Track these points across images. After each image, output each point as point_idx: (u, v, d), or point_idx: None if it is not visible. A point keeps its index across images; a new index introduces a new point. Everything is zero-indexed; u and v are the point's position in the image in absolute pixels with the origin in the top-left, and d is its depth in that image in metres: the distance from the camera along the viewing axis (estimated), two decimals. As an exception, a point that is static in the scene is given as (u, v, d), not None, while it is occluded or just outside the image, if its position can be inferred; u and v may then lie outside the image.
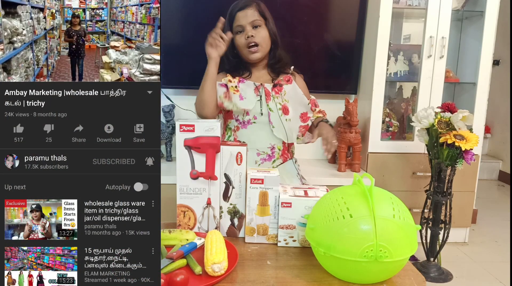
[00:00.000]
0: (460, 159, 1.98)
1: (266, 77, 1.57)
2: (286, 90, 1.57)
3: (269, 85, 1.55)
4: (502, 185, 3.94)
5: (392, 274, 0.87)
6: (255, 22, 1.48)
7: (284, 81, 1.58)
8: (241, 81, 1.53)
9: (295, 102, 1.57)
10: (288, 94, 1.57)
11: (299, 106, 1.58)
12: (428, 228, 2.18)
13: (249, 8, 1.49)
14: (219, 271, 0.86)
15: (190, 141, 1.04)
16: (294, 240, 1.04)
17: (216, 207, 1.08)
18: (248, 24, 1.48)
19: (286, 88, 1.57)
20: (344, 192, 0.89)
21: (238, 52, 1.53)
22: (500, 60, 3.95)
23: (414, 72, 2.50)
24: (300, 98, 1.59)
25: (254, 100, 1.51)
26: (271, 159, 1.55)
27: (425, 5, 2.34)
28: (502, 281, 2.18)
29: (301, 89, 1.60)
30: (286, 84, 1.58)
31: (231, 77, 1.53)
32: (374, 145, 2.42)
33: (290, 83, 1.59)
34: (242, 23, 1.48)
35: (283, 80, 1.58)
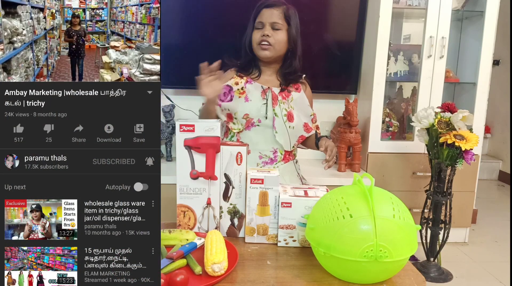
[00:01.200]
0: (460, 159, 1.98)
1: (275, 82, 1.56)
2: (293, 97, 1.56)
3: (277, 89, 1.54)
4: (502, 185, 3.94)
5: (392, 274, 0.87)
6: (276, 25, 1.47)
7: (293, 88, 1.57)
8: (248, 82, 1.53)
9: (300, 111, 1.56)
10: (295, 102, 1.56)
11: (303, 116, 1.57)
12: (428, 228, 2.18)
13: (276, 8, 1.48)
14: (219, 271, 0.86)
15: (190, 141, 1.04)
16: (294, 240, 1.04)
17: (216, 207, 1.08)
18: (268, 24, 1.47)
19: (294, 95, 1.56)
20: (344, 192, 0.89)
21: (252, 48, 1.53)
22: (500, 60, 3.95)
23: (414, 72, 2.50)
24: (305, 108, 1.59)
25: (260, 103, 1.51)
26: (273, 162, 1.54)
27: (425, 5, 2.34)
28: (502, 281, 2.18)
29: (308, 99, 1.60)
30: (294, 91, 1.57)
31: (238, 79, 1.53)
32: (374, 145, 2.42)
33: (299, 91, 1.58)
34: (264, 21, 1.48)
35: (292, 87, 1.57)
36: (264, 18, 1.48)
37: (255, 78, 1.54)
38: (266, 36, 1.47)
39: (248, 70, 1.55)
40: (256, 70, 1.55)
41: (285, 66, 1.55)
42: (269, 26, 1.48)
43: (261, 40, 1.48)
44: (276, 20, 1.47)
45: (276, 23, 1.47)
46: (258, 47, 1.49)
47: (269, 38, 1.47)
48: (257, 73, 1.55)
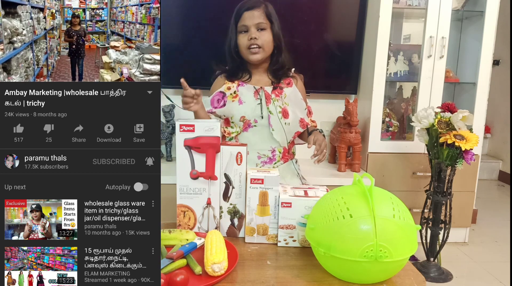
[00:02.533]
0: (460, 159, 1.98)
1: (266, 81, 1.56)
2: (286, 93, 1.56)
3: (269, 88, 1.54)
4: (502, 185, 3.94)
5: (392, 274, 0.87)
6: (261, 25, 1.47)
7: (285, 84, 1.57)
8: (240, 85, 1.53)
9: (295, 106, 1.56)
10: (288, 97, 1.56)
11: (298, 110, 1.57)
12: (428, 228, 2.18)
13: (256, 9, 1.48)
14: (219, 271, 0.86)
15: (190, 141, 1.04)
16: (294, 240, 1.04)
17: (216, 207, 1.08)
18: (253, 26, 1.47)
19: (286, 91, 1.56)
20: (344, 192, 0.89)
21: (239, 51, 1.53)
22: (500, 60, 3.95)
23: (414, 72, 2.50)
24: (299, 102, 1.58)
25: (254, 104, 1.51)
26: (272, 162, 1.54)
27: (425, 5, 2.34)
28: (502, 281, 2.18)
29: (301, 93, 1.60)
30: (286, 87, 1.57)
31: (230, 84, 1.53)
32: (374, 145, 2.42)
33: (291, 86, 1.58)
34: (247, 24, 1.47)
35: (283, 83, 1.57)
36: (247, 21, 1.48)
37: (247, 81, 1.54)
38: (254, 39, 1.46)
39: (238, 75, 1.55)
40: (246, 73, 1.55)
41: (273, 63, 1.55)
42: (254, 28, 1.47)
43: (249, 44, 1.47)
44: (259, 20, 1.47)
45: (261, 23, 1.47)
46: (248, 52, 1.49)
47: (257, 41, 1.47)
48: (248, 76, 1.55)
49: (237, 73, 1.55)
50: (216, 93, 1.53)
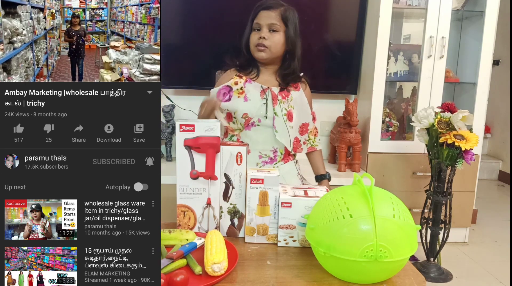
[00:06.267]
0: (460, 159, 1.98)
1: (274, 82, 1.56)
2: (293, 96, 1.56)
3: (276, 89, 1.54)
4: (502, 185, 3.94)
5: (392, 274, 0.87)
6: (273, 26, 1.47)
7: (292, 87, 1.57)
8: (248, 82, 1.53)
9: (300, 110, 1.57)
10: (295, 101, 1.56)
11: (302, 115, 1.58)
12: (428, 228, 2.18)
13: (273, 10, 1.48)
14: (219, 271, 0.86)
15: (190, 141, 1.04)
16: (294, 240, 1.04)
17: (216, 207, 1.08)
18: (265, 25, 1.47)
19: (293, 94, 1.56)
20: (344, 192, 0.89)
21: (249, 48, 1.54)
22: (500, 60, 3.95)
23: (414, 72, 2.50)
24: (305, 107, 1.59)
25: (259, 103, 1.51)
26: (273, 162, 1.54)
27: (425, 5, 2.34)
28: (502, 281, 2.18)
29: (307, 98, 1.60)
30: (294, 90, 1.57)
31: (238, 78, 1.54)
32: (374, 145, 2.42)
33: (298, 90, 1.58)
34: (261, 23, 1.48)
35: (291, 86, 1.57)
36: (262, 20, 1.48)
37: (254, 78, 1.54)
38: (262, 39, 1.47)
39: (247, 69, 1.56)
40: (255, 70, 1.55)
41: (284, 67, 1.55)
42: (266, 28, 1.47)
43: (258, 42, 1.48)
44: (273, 21, 1.47)
45: (274, 25, 1.47)
46: (255, 49, 1.50)
47: (265, 41, 1.47)
48: (256, 73, 1.55)
49: (246, 68, 1.56)
50: (223, 87, 1.53)
